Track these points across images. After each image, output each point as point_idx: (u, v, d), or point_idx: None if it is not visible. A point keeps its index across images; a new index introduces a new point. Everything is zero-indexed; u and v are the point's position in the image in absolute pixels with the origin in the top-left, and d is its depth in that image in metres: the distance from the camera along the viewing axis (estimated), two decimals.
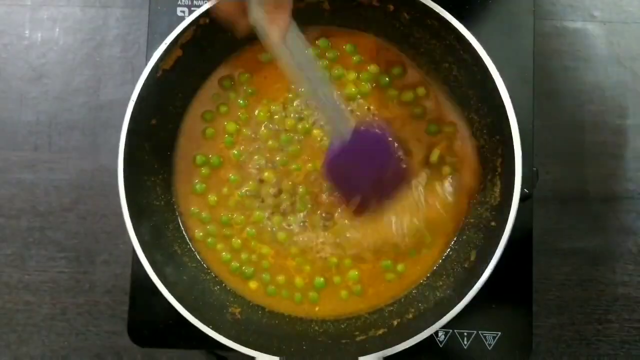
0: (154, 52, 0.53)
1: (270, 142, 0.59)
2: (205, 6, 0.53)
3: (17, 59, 0.67)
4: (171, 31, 0.53)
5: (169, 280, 0.54)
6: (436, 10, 0.53)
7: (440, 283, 0.57)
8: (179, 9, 0.62)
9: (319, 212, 0.59)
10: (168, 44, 0.53)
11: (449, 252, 0.58)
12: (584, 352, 0.63)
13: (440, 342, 0.59)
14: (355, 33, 0.60)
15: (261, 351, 0.51)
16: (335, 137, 0.52)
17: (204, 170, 0.60)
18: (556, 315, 0.63)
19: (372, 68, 0.59)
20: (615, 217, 0.64)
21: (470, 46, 0.52)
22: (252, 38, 0.59)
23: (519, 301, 0.59)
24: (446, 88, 0.59)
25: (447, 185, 0.58)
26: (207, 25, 0.55)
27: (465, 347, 0.59)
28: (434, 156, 0.58)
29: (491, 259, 0.51)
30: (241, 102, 0.60)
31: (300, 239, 0.59)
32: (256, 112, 0.60)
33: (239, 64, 0.60)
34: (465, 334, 0.59)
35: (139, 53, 0.66)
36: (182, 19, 0.61)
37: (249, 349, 0.51)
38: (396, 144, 0.55)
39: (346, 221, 0.59)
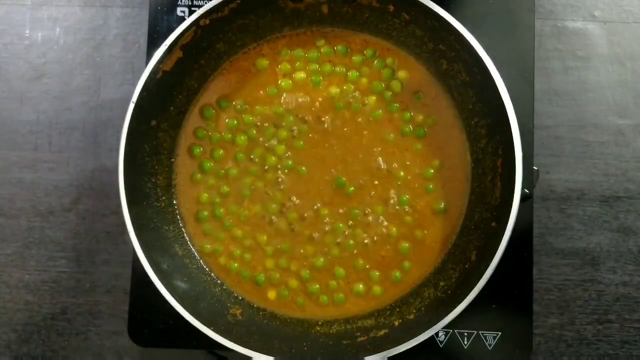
0: (154, 52, 0.53)
1: (271, 141, 0.60)
2: (206, 7, 0.53)
3: (18, 58, 0.67)
4: (171, 31, 0.53)
5: (169, 280, 0.54)
6: (436, 11, 0.53)
7: (442, 283, 0.57)
8: (179, 9, 0.62)
9: (317, 207, 0.59)
10: (168, 45, 0.53)
11: (449, 252, 0.58)
12: (584, 352, 0.63)
13: (441, 342, 0.59)
14: (355, 34, 0.60)
15: (262, 352, 0.51)
16: None
17: (206, 165, 0.60)
18: (556, 315, 0.63)
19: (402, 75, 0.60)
20: (615, 217, 0.64)
21: (470, 46, 0.52)
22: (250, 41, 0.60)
23: (519, 301, 0.59)
24: (446, 88, 0.59)
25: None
26: (208, 26, 0.55)
27: (465, 347, 0.59)
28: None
29: (492, 259, 0.51)
30: (239, 106, 0.60)
31: (303, 236, 0.59)
32: (252, 118, 0.60)
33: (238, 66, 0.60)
34: (466, 334, 0.59)
35: (139, 53, 0.66)
36: (183, 19, 0.61)
37: (249, 350, 0.51)
38: None
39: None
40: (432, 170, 0.59)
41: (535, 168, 0.58)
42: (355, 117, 0.60)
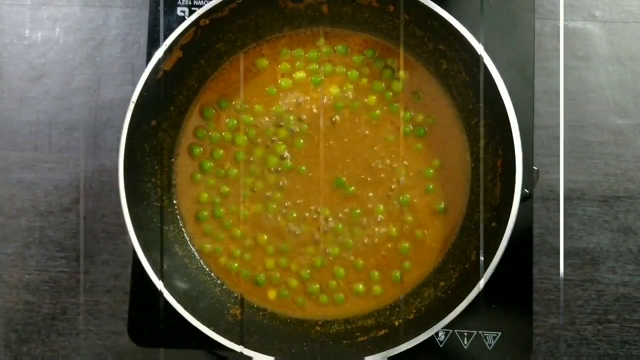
0: (154, 52, 0.53)
1: (271, 141, 0.60)
2: (206, 7, 0.53)
3: (17, 58, 0.67)
4: (171, 31, 0.53)
5: (169, 280, 0.54)
6: (436, 11, 0.53)
7: (442, 283, 0.57)
8: (179, 9, 0.62)
9: (317, 207, 0.59)
10: (168, 45, 0.53)
11: (449, 252, 0.58)
12: (584, 352, 0.63)
13: (440, 342, 0.59)
14: (355, 34, 0.60)
15: (262, 352, 0.51)
16: None
17: (206, 165, 0.60)
18: (556, 315, 0.63)
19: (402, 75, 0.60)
20: (615, 217, 0.64)
21: (470, 46, 0.52)
22: (250, 41, 0.60)
23: (519, 301, 0.59)
24: (446, 88, 0.59)
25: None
26: (208, 26, 0.55)
27: (465, 347, 0.59)
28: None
29: (492, 259, 0.51)
30: (239, 106, 0.60)
31: (303, 236, 0.59)
32: (252, 118, 0.60)
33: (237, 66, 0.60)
34: (465, 334, 0.59)
35: (139, 53, 0.66)
36: (183, 19, 0.61)
37: (249, 350, 0.51)
38: None
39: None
40: (432, 170, 0.59)
41: (535, 168, 0.58)
42: (355, 117, 0.60)
